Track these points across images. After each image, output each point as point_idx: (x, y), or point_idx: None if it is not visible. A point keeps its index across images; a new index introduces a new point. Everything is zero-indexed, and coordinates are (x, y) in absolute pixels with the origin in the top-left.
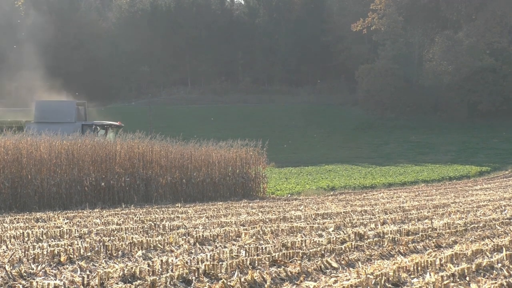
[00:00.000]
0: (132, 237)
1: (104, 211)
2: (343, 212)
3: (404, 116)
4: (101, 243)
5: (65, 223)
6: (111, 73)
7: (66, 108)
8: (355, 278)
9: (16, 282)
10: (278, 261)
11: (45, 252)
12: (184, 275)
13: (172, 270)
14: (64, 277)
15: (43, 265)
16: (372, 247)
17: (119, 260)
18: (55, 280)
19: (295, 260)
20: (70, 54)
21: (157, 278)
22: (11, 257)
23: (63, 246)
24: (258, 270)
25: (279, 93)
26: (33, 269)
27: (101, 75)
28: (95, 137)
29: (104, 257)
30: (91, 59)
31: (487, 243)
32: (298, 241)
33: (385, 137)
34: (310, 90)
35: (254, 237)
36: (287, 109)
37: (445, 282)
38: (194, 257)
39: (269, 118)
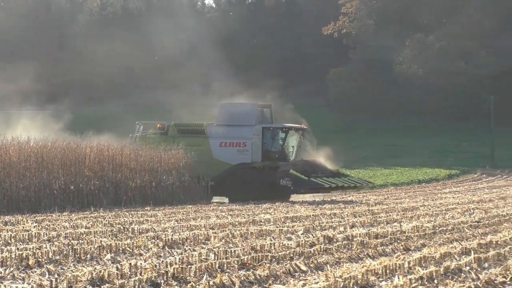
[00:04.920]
0: (101, 241)
1: (73, 215)
2: (312, 215)
3: (375, 119)
4: (69, 247)
5: (34, 227)
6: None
7: (247, 110)
8: (323, 281)
9: None
10: (247, 264)
11: (13, 256)
12: (152, 279)
13: (140, 274)
14: (32, 280)
15: (11, 269)
16: (341, 250)
17: (87, 263)
18: (23, 283)
19: (264, 263)
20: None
21: (126, 282)
22: None
23: (31, 250)
24: (227, 274)
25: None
26: (1, 272)
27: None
28: (274, 141)
29: (72, 260)
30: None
31: (455, 246)
32: (267, 244)
33: (355, 140)
34: (283, 93)
35: (223, 240)
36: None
37: (413, 285)
38: (163, 261)
39: None
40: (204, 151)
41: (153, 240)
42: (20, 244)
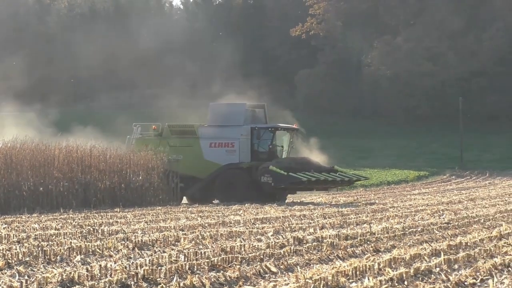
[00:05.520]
0: (71, 242)
1: (42, 216)
2: (282, 216)
3: (344, 120)
4: (39, 248)
5: (3, 228)
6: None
7: (235, 110)
8: (294, 283)
9: None
10: (217, 266)
11: None
12: (123, 280)
13: (111, 275)
14: (2, 282)
15: None
16: (311, 251)
17: (57, 265)
18: None
19: (234, 265)
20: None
21: (96, 283)
22: None
23: (1, 251)
24: (197, 275)
25: (219, 98)
26: None
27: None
28: (261, 141)
29: (42, 262)
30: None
31: (425, 248)
32: (237, 245)
33: (324, 142)
34: (250, 95)
35: (193, 242)
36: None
37: (383, 287)
38: (133, 262)
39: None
40: (195, 152)
41: (123, 242)
42: None
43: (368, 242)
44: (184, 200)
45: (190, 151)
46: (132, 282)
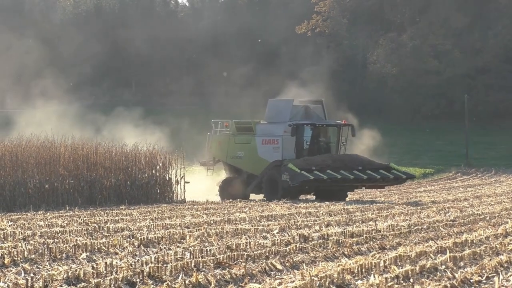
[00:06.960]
0: (76, 240)
1: (48, 213)
2: (288, 214)
3: (348, 118)
4: (45, 246)
5: (9, 226)
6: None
7: (283, 106)
8: (299, 280)
9: None
10: (223, 263)
11: None
12: (128, 277)
13: (116, 272)
14: (8, 279)
15: None
16: (316, 249)
17: (63, 262)
18: None
19: (240, 262)
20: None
21: (102, 280)
22: None
23: (7, 249)
24: (202, 272)
25: (223, 95)
26: None
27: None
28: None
29: (48, 259)
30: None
31: (431, 245)
32: (243, 243)
33: None
34: (254, 93)
35: (198, 239)
36: (230, 113)
37: (389, 284)
38: (138, 259)
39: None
40: (252, 148)
41: (129, 239)
42: None
43: (374, 240)
44: (187, 198)
45: (248, 148)
46: (138, 280)
